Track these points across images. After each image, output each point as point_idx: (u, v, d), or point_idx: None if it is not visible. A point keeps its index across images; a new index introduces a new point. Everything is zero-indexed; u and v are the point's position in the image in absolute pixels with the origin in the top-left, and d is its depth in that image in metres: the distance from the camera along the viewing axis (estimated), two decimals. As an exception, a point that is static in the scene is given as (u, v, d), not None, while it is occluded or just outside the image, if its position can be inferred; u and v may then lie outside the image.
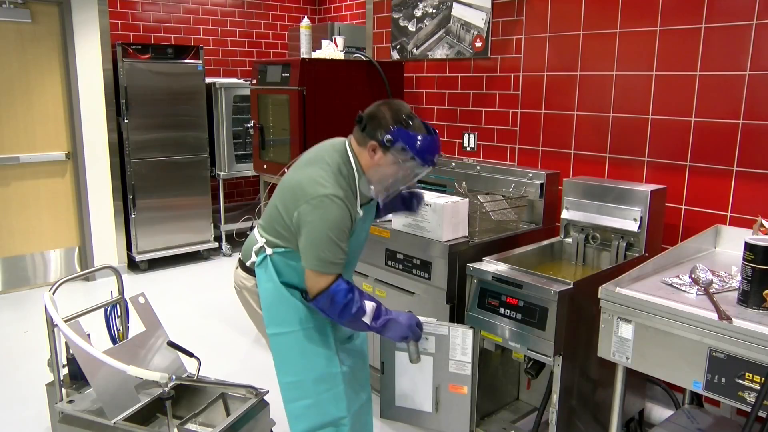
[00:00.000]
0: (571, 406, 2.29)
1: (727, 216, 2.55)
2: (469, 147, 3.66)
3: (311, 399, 1.99)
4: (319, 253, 1.81)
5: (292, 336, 1.96)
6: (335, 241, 1.80)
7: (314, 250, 1.81)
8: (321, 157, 1.92)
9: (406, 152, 1.82)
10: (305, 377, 1.98)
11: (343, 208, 1.80)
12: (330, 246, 1.80)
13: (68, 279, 2.50)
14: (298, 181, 1.87)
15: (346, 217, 1.82)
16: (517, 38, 3.29)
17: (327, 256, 1.81)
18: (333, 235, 1.79)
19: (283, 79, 3.46)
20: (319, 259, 1.81)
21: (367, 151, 1.86)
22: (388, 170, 1.87)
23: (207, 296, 4.64)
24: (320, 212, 1.79)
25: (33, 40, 4.56)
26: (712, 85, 2.54)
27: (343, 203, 1.80)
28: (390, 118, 1.82)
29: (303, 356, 1.97)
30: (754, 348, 1.60)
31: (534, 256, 2.64)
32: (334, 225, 1.79)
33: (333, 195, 1.79)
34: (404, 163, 1.84)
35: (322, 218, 1.79)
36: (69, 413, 2.35)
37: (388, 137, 1.80)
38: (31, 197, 4.72)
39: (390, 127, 1.81)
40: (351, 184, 1.88)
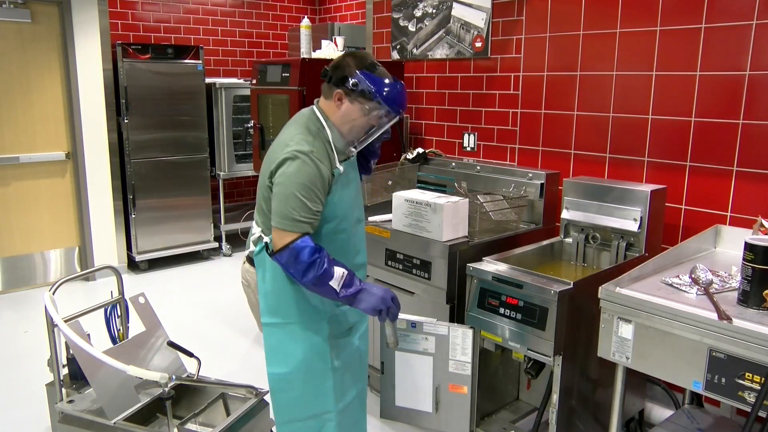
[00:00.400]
0: (571, 406, 2.29)
1: (727, 216, 2.55)
2: (469, 147, 3.66)
3: (298, 392, 1.98)
4: (283, 210, 1.75)
5: (285, 328, 1.95)
6: (300, 197, 1.73)
7: (279, 206, 1.76)
8: (289, 123, 1.92)
9: (371, 97, 1.80)
10: (294, 370, 1.96)
11: (309, 164, 1.74)
12: (295, 202, 1.73)
13: (68, 279, 2.50)
14: (269, 153, 1.85)
15: (313, 173, 1.75)
16: (517, 38, 3.29)
17: (291, 213, 1.74)
18: (298, 191, 1.73)
19: (283, 79, 3.46)
20: (283, 216, 1.75)
21: (333, 102, 1.84)
22: (355, 119, 1.84)
23: (207, 296, 4.64)
24: (286, 170, 1.75)
25: (33, 40, 4.56)
26: (712, 85, 2.54)
27: (309, 158, 1.75)
28: (354, 66, 1.81)
29: (294, 349, 1.95)
30: (754, 348, 1.60)
31: (534, 256, 2.64)
32: (299, 181, 1.74)
33: (297, 151, 1.75)
34: (371, 111, 1.83)
35: (288, 175, 1.75)
36: (69, 413, 2.35)
37: (353, 81, 1.79)
38: (31, 197, 4.72)
39: (354, 73, 1.80)
40: (322, 139, 1.83)
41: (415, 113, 4.00)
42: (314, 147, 1.78)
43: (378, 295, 1.84)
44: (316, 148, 1.78)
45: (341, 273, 1.78)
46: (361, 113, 1.83)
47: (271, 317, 1.97)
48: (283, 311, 1.94)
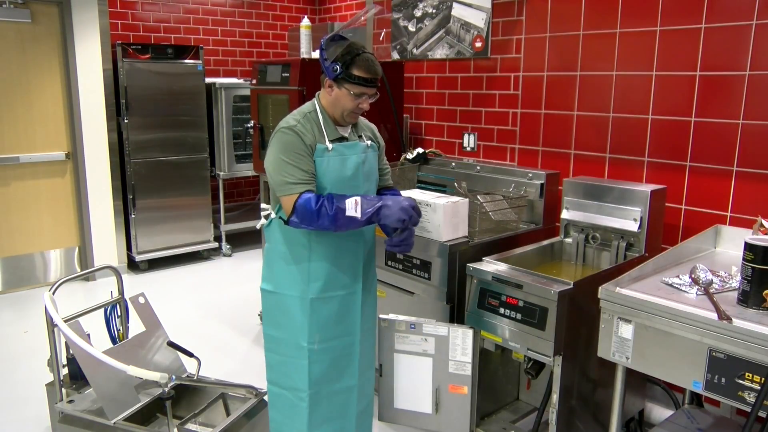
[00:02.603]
0: (571, 406, 2.29)
1: (727, 216, 2.55)
2: (469, 147, 3.66)
3: (282, 357, 2.11)
4: (278, 178, 1.94)
5: (278, 297, 2.09)
6: (286, 161, 1.92)
7: (274, 176, 1.95)
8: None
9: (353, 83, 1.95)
10: (281, 337, 2.10)
11: (292, 134, 1.95)
12: (283, 167, 1.93)
13: (68, 279, 2.50)
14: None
15: (296, 141, 1.94)
16: (517, 38, 3.29)
17: (284, 178, 1.93)
18: (284, 156, 1.93)
19: (283, 79, 3.46)
20: (278, 183, 1.94)
21: (326, 89, 2.02)
22: (344, 103, 1.99)
23: (207, 296, 4.64)
24: (274, 143, 1.98)
25: (33, 40, 4.56)
26: (712, 85, 2.55)
27: (292, 130, 1.95)
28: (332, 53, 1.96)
29: (282, 318, 2.09)
30: (754, 348, 1.60)
31: (534, 256, 2.64)
32: (282, 148, 1.94)
33: (284, 127, 1.97)
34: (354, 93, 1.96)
35: (274, 146, 1.97)
36: (69, 413, 2.35)
37: (335, 68, 1.94)
38: (31, 197, 4.72)
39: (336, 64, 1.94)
40: (311, 119, 2.01)
41: (415, 113, 4.00)
42: (299, 122, 1.98)
43: (398, 206, 1.92)
44: (301, 124, 1.98)
45: (353, 201, 1.91)
46: (350, 97, 1.97)
47: (267, 284, 2.12)
48: (278, 282, 2.09)
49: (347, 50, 1.93)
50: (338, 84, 1.96)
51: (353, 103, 1.98)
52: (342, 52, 1.93)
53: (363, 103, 1.99)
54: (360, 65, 1.93)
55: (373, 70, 1.96)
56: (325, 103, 2.04)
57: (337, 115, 2.02)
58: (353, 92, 1.95)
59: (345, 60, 1.92)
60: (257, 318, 4.09)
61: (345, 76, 1.93)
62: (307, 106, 2.06)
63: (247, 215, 5.91)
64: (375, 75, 1.97)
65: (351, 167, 2.05)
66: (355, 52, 1.93)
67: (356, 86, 1.95)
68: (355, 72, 1.93)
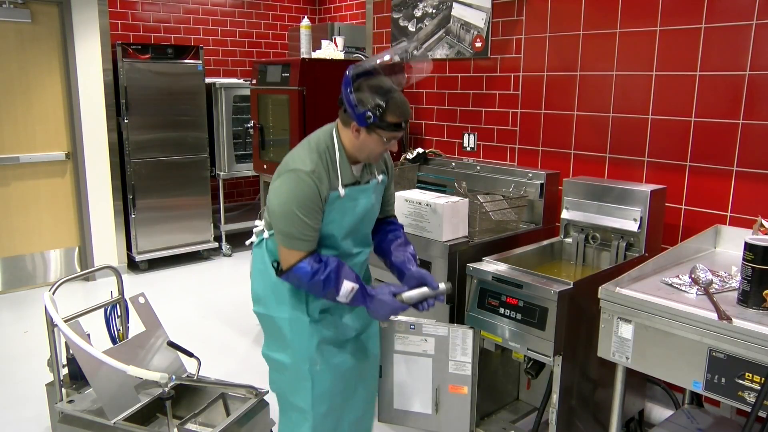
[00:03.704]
0: (571, 406, 2.29)
1: (727, 216, 2.55)
2: (469, 147, 3.66)
3: (284, 376, 2.04)
4: (284, 227, 1.82)
5: (274, 320, 2.01)
6: (299, 215, 1.79)
7: (280, 223, 1.83)
8: (310, 137, 1.94)
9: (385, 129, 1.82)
10: (280, 358, 2.03)
11: (310, 184, 1.79)
12: (294, 220, 1.80)
13: (68, 279, 2.50)
14: (284, 160, 1.91)
15: (312, 192, 1.80)
16: (517, 38, 3.29)
17: (292, 231, 1.81)
18: (297, 209, 1.79)
19: (283, 79, 3.46)
20: (284, 234, 1.83)
21: (351, 131, 1.85)
22: (372, 148, 1.87)
23: (207, 296, 4.64)
24: (286, 186, 1.81)
25: (33, 40, 4.56)
26: (712, 85, 2.54)
27: (310, 178, 1.79)
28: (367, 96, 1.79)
29: (280, 340, 2.01)
30: (754, 348, 1.60)
31: (534, 256, 2.64)
32: (296, 198, 1.79)
33: (301, 170, 1.80)
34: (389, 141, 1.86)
35: (287, 192, 1.81)
36: (69, 413, 2.35)
37: (367, 115, 1.78)
38: (31, 197, 4.72)
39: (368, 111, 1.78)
40: (329, 161, 1.87)
41: (415, 113, 4.00)
42: (316, 167, 1.82)
43: (388, 309, 1.92)
44: (318, 167, 1.82)
45: (348, 289, 1.85)
46: (379, 141, 1.84)
47: (260, 307, 2.05)
48: (271, 304, 2.01)
49: (380, 96, 1.77)
50: (368, 130, 1.81)
51: (382, 148, 1.87)
52: (375, 100, 1.76)
53: (392, 146, 1.89)
54: (394, 111, 1.78)
55: (407, 113, 1.84)
56: (347, 144, 1.88)
57: (361, 157, 1.90)
58: (385, 138, 1.83)
59: (378, 108, 1.77)
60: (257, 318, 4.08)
61: (377, 124, 1.79)
62: (324, 140, 1.89)
63: (247, 215, 5.91)
64: (408, 117, 1.85)
65: (359, 212, 1.97)
66: (388, 97, 1.78)
67: (389, 132, 1.82)
68: (389, 119, 1.78)
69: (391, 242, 2.12)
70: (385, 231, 2.16)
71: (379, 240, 2.15)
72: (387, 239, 2.13)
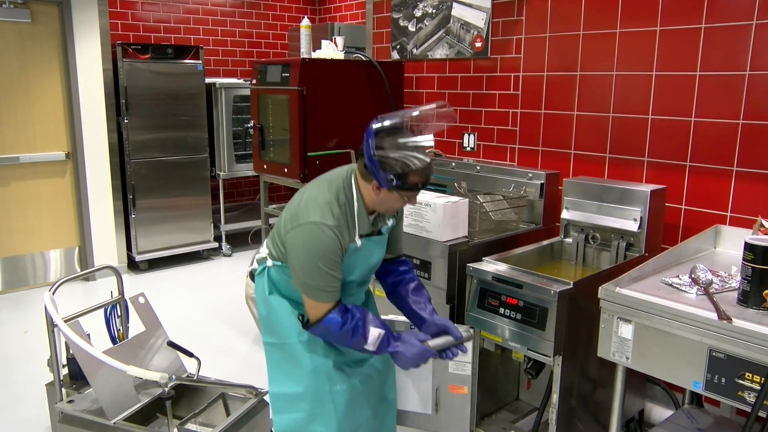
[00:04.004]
0: (571, 406, 2.29)
1: (727, 216, 2.55)
2: (469, 147, 3.66)
3: (299, 414, 1.95)
4: (310, 281, 1.80)
5: (286, 347, 1.95)
6: (324, 269, 1.77)
7: (305, 277, 1.80)
8: (327, 180, 1.90)
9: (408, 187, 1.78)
10: (294, 391, 1.95)
11: (332, 237, 1.77)
12: (319, 274, 1.78)
13: (68, 279, 2.50)
14: (298, 202, 1.86)
15: (335, 246, 1.78)
16: (517, 38, 3.29)
17: (318, 284, 1.79)
18: (321, 263, 1.77)
19: (283, 79, 3.46)
20: (311, 287, 1.81)
21: (371, 187, 1.81)
22: (392, 204, 1.86)
23: (207, 296, 4.64)
24: (307, 239, 1.78)
25: (33, 40, 4.56)
26: (712, 85, 2.54)
27: (332, 232, 1.77)
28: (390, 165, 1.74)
29: (295, 369, 1.94)
30: (754, 348, 1.60)
31: (534, 256, 2.64)
32: (320, 253, 1.77)
33: (322, 223, 1.77)
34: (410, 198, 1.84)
35: (308, 246, 1.78)
36: (69, 413, 2.35)
37: (388, 177, 1.74)
38: (31, 197, 4.72)
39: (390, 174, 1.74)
40: (348, 214, 1.85)
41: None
42: (338, 220, 1.80)
43: (413, 357, 1.89)
44: (339, 222, 1.80)
45: (376, 336, 1.85)
46: (400, 199, 1.82)
47: (271, 336, 2.00)
48: (282, 331, 1.96)
49: (404, 159, 1.71)
50: (390, 189, 1.77)
51: (402, 203, 1.85)
52: (399, 164, 1.71)
53: (412, 201, 1.85)
54: (417, 174, 1.73)
55: (431, 173, 1.78)
56: (366, 197, 1.85)
57: (380, 210, 1.90)
58: (406, 197, 1.81)
59: (403, 171, 1.71)
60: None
61: (400, 186, 1.74)
62: (344, 190, 1.85)
63: (247, 215, 5.92)
64: (431, 175, 1.80)
65: (373, 263, 1.99)
66: (413, 160, 1.71)
67: (412, 192, 1.79)
68: (413, 180, 1.74)
69: (406, 286, 2.09)
70: (398, 273, 2.11)
71: (394, 283, 2.11)
72: (403, 283, 2.09)
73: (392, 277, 2.11)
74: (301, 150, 3.39)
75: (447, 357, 1.98)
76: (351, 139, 3.56)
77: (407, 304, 2.06)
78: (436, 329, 1.99)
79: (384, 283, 2.14)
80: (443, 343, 1.95)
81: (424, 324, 2.02)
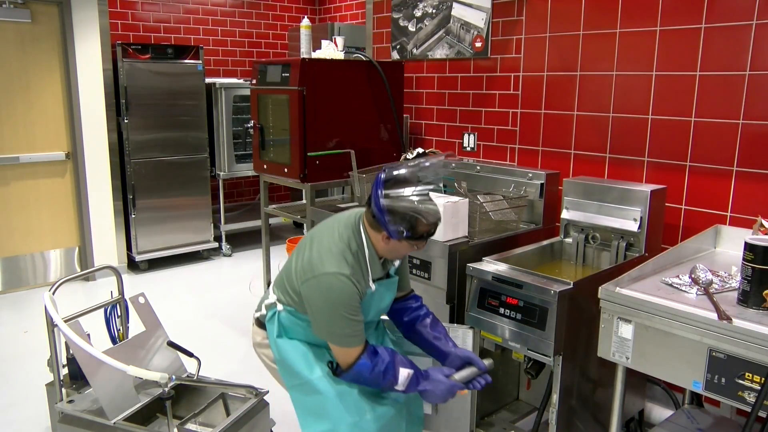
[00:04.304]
0: (571, 406, 2.29)
1: (727, 216, 2.55)
2: (469, 147, 3.66)
3: None
4: (336, 330, 1.84)
5: (308, 385, 1.96)
6: (347, 317, 1.82)
7: (330, 327, 1.85)
8: (336, 228, 1.94)
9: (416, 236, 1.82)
10: (326, 428, 1.93)
11: (350, 285, 1.81)
12: (344, 322, 1.82)
13: (68, 279, 2.50)
14: (310, 254, 1.89)
15: (354, 293, 1.83)
16: (517, 38, 3.29)
17: (344, 332, 1.84)
18: (343, 311, 1.81)
19: (283, 79, 3.46)
20: (338, 335, 1.85)
21: (381, 237, 1.86)
22: (402, 252, 1.93)
23: (207, 296, 4.64)
24: (326, 291, 1.82)
25: (33, 40, 4.56)
26: (712, 85, 2.55)
27: (349, 280, 1.81)
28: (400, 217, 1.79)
29: (321, 405, 1.94)
30: (754, 348, 1.60)
31: (534, 256, 2.64)
32: (342, 302, 1.81)
33: (339, 273, 1.81)
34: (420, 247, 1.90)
35: (329, 297, 1.82)
36: (69, 413, 2.35)
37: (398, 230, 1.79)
38: (31, 197, 4.72)
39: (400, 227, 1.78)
40: (361, 260, 1.89)
41: (415, 113, 4.00)
42: (354, 269, 1.85)
43: (442, 393, 1.93)
44: (354, 270, 1.85)
45: (405, 376, 1.89)
46: (409, 247, 1.88)
47: (294, 378, 2.00)
48: (297, 372, 1.98)
49: (412, 212, 1.77)
50: (399, 239, 1.82)
51: (412, 250, 1.91)
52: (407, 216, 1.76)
53: (421, 247, 1.90)
54: (423, 225, 1.79)
55: (438, 219, 1.83)
56: (376, 245, 1.90)
57: (390, 258, 1.96)
58: (416, 246, 1.87)
59: (410, 226, 1.77)
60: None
61: (409, 236, 1.80)
62: (355, 239, 1.90)
63: (247, 215, 5.92)
64: (438, 221, 1.84)
65: (385, 305, 2.04)
66: (421, 211, 1.77)
67: (421, 241, 1.85)
68: (422, 230, 1.80)
69: (422, 322, 2.13)
70: (412, 310, 2.15)
71: (410, 322, 2.13)
72: (419, 320, 2.13)
73: (407, 315, 2.14)
74: (301, 150, 3.39)
75: (474, 387, 2.02)
76: (351, 139, 3.56)
77: (428, 342, 2.10)
78: (460, 362, 2.03)
79: (399, 322, 2.17)
80: (468, 375, 2.00)
81: (447, 358, 2.06)
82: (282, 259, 4.39)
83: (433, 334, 2.10)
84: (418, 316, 2.13)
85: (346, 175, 3.42)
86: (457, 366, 2.02)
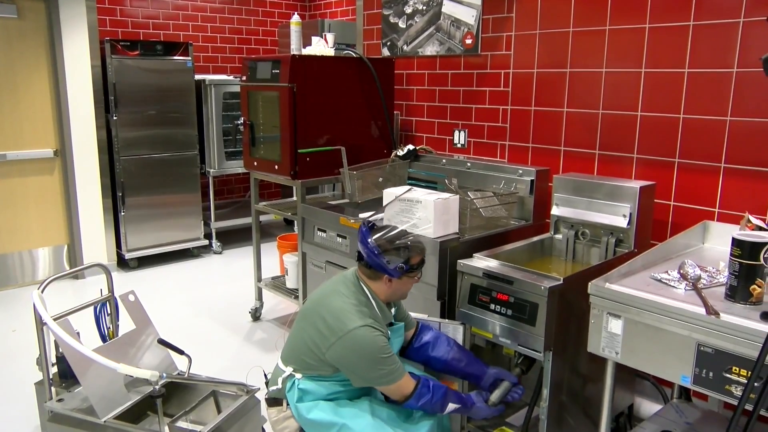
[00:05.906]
0: (561, 401, 2.31)
1: (715, 212, 2.57)
2: (460, 144, 3.66)
3: None
4: (380, 372, 1.96)
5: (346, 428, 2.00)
6: (385, 356, 1.95)
7: (375, 373, 1.97)
8: (337, 291, 2.07)
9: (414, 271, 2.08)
10: None
11: (377, 332, 1.96)
12: (385, 362, 1.96)
13: (57, 277, 2.48)
14: (325, 322, 2.00)
15: (383, 337, 1.98)
16: (507, 35, 3.30)
17: (388, 370, 1.96)
18: (381, 354, 1.95)
19: (273, 75, 3.45)
20: (384, 376, 1.97)
21: (383, 283, 2.06)
22: (405, 290, 2.12)
23: (197, 293, 4.62)
24: (360, 344, 1.94)
25: (19, 36, 4.51)
26: (701, 82, 2.56)
27: (374, 328, 1.96)
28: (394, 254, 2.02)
29: None
30: (741, 342, 1.62)
31: (524, 253, 2.65)
32: (375, 348, 1.94)
33: (364, 325, 1.95)
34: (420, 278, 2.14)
35: (364, 348, 1.94)
36: (58, 412, 2.34)
37: (398, 267, 2.02)
38: (19, 195, 4.68)
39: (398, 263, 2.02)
40: (372, 311, 2.04)
41: (406, 110, 4.00)
42: (372, 318, 2.01)
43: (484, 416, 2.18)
44: (374, 319, 2.01)
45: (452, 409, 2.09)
46: (410, 281, 2.10)
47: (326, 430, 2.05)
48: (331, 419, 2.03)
49: (403, 248, 2.03)
50: (400, 277, 2.04)
51: (413, 283, 2.12)
52: (400, 253, 2.02)
53: (419, 277, 2.12)
54: (416, 253, 2.06)
55: (425, 250, 2.12)
56: (380, 293, 2.08)
57: (395, 299, 2.14)
58: (415, 277, 2.09)
59: (406, 258, 2.02)
60: (248, 315, 4.08)
61: (407, 271, 2.04)
62: (360, 296, 2.06)
63: (237, 212, 5.90)
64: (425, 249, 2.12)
65: (397, 348, 2.17)
66: (407, 243, 2.05)
67: (418, 271, 2.09)
68: (414, 261, 2.05)
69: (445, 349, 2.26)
70: (428, 344, 2.28)
71: (437, 354, 2.26)
72: (444, 349, 2.27)
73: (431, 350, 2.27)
74: (292, 147, 3.38)
75: (512, 400, 2.23)
76: (341, 136, 3.55)
77: (461, 370, 2.27)
78: (493, 379, 2.24)
79: (426, 359, 2.29)
80: (503, 391, 2.19)
81: (481, 380, 2.25)
82: (272, 256, 4.38)
83: (465, 361, 2.26)
84: (435, 344, 2.27)
85: (336, 172, 3.42)
86: (491, 384, 2.24)
